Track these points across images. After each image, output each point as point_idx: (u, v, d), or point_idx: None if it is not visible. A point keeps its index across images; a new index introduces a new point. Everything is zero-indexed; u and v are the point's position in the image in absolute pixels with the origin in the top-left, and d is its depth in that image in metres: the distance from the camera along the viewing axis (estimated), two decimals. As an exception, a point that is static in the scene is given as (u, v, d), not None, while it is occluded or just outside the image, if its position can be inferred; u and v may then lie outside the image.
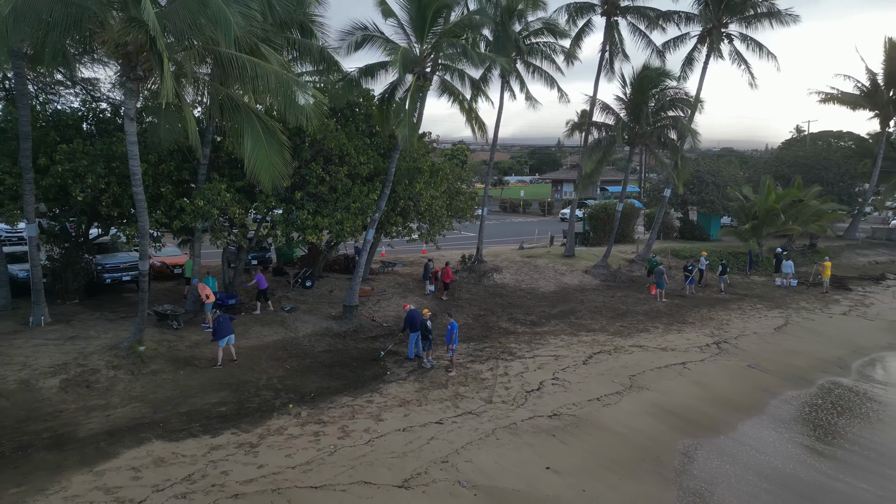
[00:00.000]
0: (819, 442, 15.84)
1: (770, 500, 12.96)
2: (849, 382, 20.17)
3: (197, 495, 11.92)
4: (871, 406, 18.34)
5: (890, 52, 42.48)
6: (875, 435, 16.39)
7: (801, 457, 14.97)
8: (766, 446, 15.47)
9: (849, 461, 14.81)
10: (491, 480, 13.20)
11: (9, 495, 11.57)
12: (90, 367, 17.11)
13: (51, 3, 12.18)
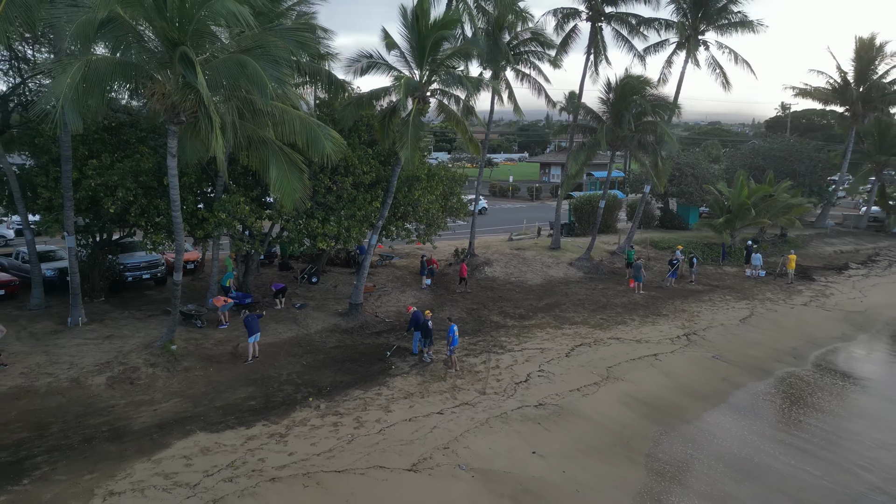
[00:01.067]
0: (768, 427, 18.42)
1: (721, 478, 15.52)
2: (799, 372, 22.80)
3: (241, 479, 14.27)
4: (816, 395, 20.97)
5: (859, 52, 44.74)
6: (817, 421, 19.01)
7: (751, 440, 17.55)
8: (722, 432, 18.03)
9: (793, 444, 17.40)
10: (485, 464, 15.64)
11: (84, 481, 13.85)
12: (131, 365, 19.32)
13: (112, 67, 14.13)
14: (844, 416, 19.49)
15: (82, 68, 13.54)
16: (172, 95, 14.43)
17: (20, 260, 27.98)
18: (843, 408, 20.10)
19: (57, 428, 15.91)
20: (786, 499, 14.86)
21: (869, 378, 22.71)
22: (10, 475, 13.89)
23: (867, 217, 50.84)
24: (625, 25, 34.23)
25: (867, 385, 22.03)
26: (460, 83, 20.08)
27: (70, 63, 13.48)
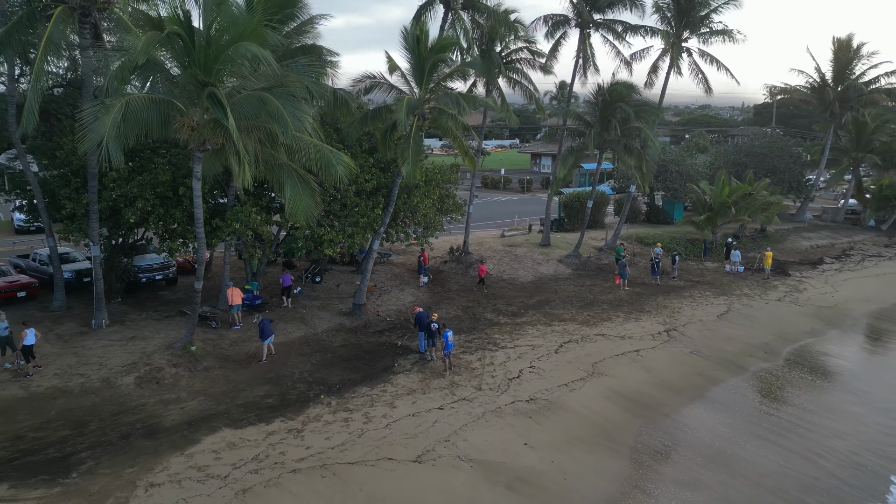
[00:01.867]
0: (738, 419, 20.37)
1: (693, 466, 17.46)
2: (769, 367, 24.80)
3: (265, 471, 16.03)
4: (783, 389, 22.97)
5: (837, 53, 46.48)
6: (782, 413, 21.01)
7: (721, 431, 19.49)
8: (696, 423, 19.99)
9: (759, 435, 19.37)
10: (482, 455, 17.47)
11: (126, 474, 15.56)
12: (155, 365, 20.97)
13: (147, 105, 15.60)
14: (806, 408, 21.48)
15: (122, 108, 15.04)
16: (201, 129, 15.99)
17: (37, 262, 29.43)
18: (805, 401, 22.09)
19: (95, 425, 17.59)
20: (749, 483, 16.82)
21: (832, 373, 24.75)
22: (59, 469, 15.59)
23: (844, 210, 52.90)
24: (611, 32, 35.75)
25: (829, 379, 24.07)
26: (457, 104, 21.70)
27: (112, 104, 14.97)
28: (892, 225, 50.68)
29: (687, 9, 34.20)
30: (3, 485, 14.88)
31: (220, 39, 15.42)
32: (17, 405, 18.44)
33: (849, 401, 22.28)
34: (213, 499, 14.81)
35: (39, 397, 18.90)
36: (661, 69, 36.89)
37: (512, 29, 29.55)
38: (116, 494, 14.76)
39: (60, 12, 16.91)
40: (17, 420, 17.72)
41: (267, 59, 14.97)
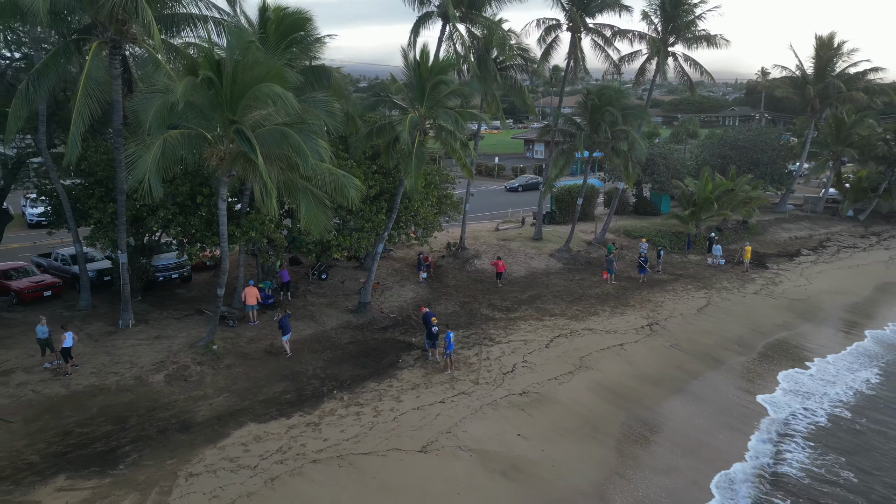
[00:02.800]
0: (707, 409, 22.64)
1: (667, 454, 19.71)
2: (740, 359, 27.05)
3: (289, 461, 18.15)
4: (753, 381, 25.24)
5: (818, 50, 48.26)
6: (744, 402, 23.28)
7: (692, 421, 21.75)
8: (672, 414, 22.23)
9: (724, 423, 21.63)
10: (480, 445, 19.64)
11: (167, 465, 17.64)
12: (181, 363, 22.99)
13: (182, 141, 17.34)
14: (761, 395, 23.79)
15: (160, 145, 16.80)
16: (229, 158, 17.81)
17: (59, 261, 31.23)
18: (761, 389, 24.39)
19: (134, 421, 19.64)
20: (710, 466, 19.14)
21: (792, 364, 27.06)
22: (108, 461, 17.65)
23: (824, 200, 55.07)
24: (601, 37, 37.42)
25: (787, 370, 26.39)
26: (455, 123, 23.51)
27: (152, 142, 16.73)
28: (869, 215, 52.94)
29: (673, 16, 35.89)
30: (60, 476, 16.93)
31: (246, 80, 17.16)
32: (60, 402, 20.43)
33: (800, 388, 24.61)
34: (246, 487, 16.92)
35: (80, 395, 20.89)
36: (649, 71, 38.62)
37: (508, 47, 31.09)
38: (161, 483, 16.85)
39: (96, 48, 18.56)
40: (63, 416, 19.72)
41: (289, 99, 16.73)
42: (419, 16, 30.87)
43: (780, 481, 18.92)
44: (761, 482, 18.78)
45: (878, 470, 19.62)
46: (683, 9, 35.47)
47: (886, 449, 20.84)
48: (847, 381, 25.65)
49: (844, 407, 23.61)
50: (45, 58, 19.30)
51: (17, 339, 24.32)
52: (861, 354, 28.60)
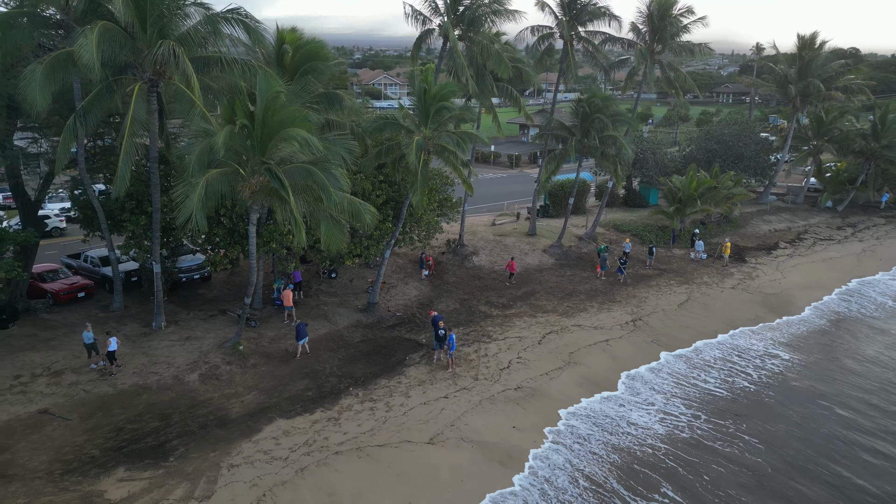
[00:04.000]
0: (677, 402, 25.54)
1: (634, 440, 22.63)
2: (717, 353, 29.94)
3: (314, 453, 20.97)
4: (713, 371, 28.16)
5: (800, 51, 50.44)
6: (696, 392, 26.19)
7: (662, 410, 24.66)
8: (648, 404, 25.11)
9: (697, 415, 24.56)
10: (480, 436, 22.50)
11: (210, 458, 20.43)
12: (212, 363, 25.70)
13: (221, 178, 19.76)
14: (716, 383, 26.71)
15: (204, 185, 19.22)
16: (260, 191, 20.37)
17: (88, 263, 33.69)
18: (719, 379, 27.31)
19: (177, 417, 22.40)
20: (669, 447, 22.06)
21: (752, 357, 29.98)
22: (159, 455, 20.43)
23: (805, 191, 57.73)
24: (591, 45, 39.58)
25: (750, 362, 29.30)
26: (458, 145, 25.99)
27: (197, 183, 19.19)
28: (847, 206, 55.67)
29: (659, 28, 38.05)
30: (119, 468, 19.71)
31: (274, 124, 19.54)
32: (109, 401, 23.16)
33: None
34: (280, 476, 19.75)
35: (126, 393, 23.61)
36: (637, 76, 40.87)
37: (503, 63, 33.22)
38: (207, 474, 19.66)
39: (139, 90, 20.87)
40: (114, 414, 22.46)
41: (313, 142, 19.10)
42: (420, 33, 33.06)
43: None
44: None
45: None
46: (669, 21, 37.61)
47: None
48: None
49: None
50: (89, 96, 21.59)
51: (62, 341, 26.91)
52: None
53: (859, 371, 28.81)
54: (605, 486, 20.36)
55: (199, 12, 20.81)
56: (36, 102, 19.25)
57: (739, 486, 20.62)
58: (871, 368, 29.10)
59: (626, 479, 20.77)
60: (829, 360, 29.79)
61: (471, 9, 31.04)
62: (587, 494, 19.96)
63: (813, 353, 30.58)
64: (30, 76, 19.26)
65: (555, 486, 20.23)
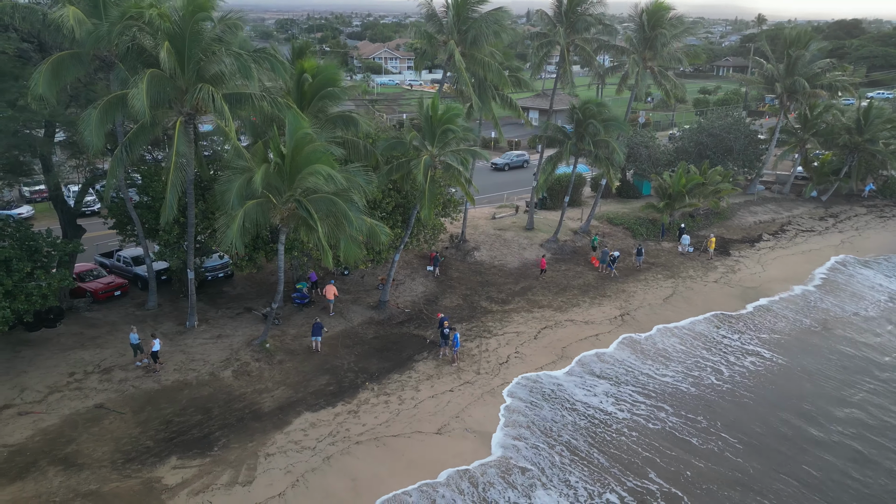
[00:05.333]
0: (650, 394, 28.75)
1: (614, 429, 25.87)
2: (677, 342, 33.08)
3: (338, 443, 24.20)
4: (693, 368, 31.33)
5: (787, 49, 52.65)
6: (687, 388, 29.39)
7: (636, 404, 27.87)
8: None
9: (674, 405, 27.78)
10: (481, 427, 25.72)
11: (249, 447, 23.66)
12: (243, 360, 28.84)
13: (256, 208, 22.65)
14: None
15: (242, 215, 22.05)
16: (289, 217, 23.29)
17: (121, 262, 36.64)
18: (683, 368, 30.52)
19: (217, 411, 25.60)
20: (643, 433, 25.33)
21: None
22: (204, 445, 23.65)
23: (792, 179, 60.37)
24: (586, 52, 41.94)
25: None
26: (462, 164, 28.79)
27: (236, 214, 22.06)
28: (831, 196, 58.40)
29: (651, 38, 40.36)
30: (172, 457, 22.95)
31: (301, 160, 22.32)
32: (156, 396, 26.34)
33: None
34: (309, 464, 23.01)
35: (170, 389, 26.79)
36: (629, 82, 43.25)
37: (503, 79, 35.72)
38: (247, 462, 22.92)
39: (181, 125, 23.57)
40: (161, 408, 25.65)
41: (336, 178, 21.84)
42: (423, 49, 35.52)
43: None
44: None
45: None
46: (660, 31, 39.88)
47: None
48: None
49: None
50: (134, 130, 24.30)
51: (106, 339, 30.01)
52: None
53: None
54: (556, 447, 23.67)
55: (231, 53, 23.34)
56: (93, 143, 22.00)
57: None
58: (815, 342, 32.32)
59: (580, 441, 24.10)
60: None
61: (473, 28, 33.39)
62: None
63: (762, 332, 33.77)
64: (86, 120, 21.99)
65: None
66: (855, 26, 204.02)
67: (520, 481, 22.80)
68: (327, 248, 23.12)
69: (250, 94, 23.99)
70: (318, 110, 28.44)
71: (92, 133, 21.95)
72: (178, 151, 23.12)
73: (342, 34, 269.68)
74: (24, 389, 25.95)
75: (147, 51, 23.77)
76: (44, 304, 26.75)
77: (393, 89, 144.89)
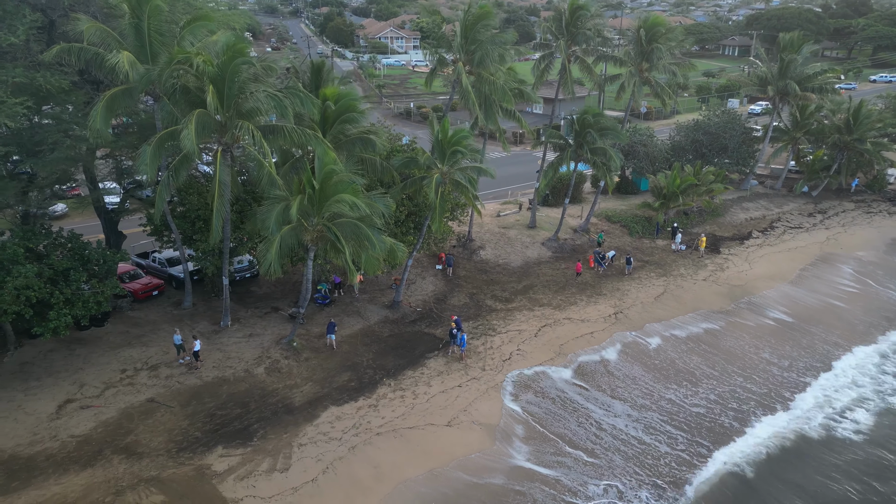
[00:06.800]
0: (636, 391, 32.11)
1: (603, 424, 29.29)
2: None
3: (361, 434, 27.67)
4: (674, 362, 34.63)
5: (780, 53, 55.02)
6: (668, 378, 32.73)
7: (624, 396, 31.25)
8: (620, 391, 31.71)
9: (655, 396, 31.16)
10: (487, 419, 29.16)
11: (284, 438, 27.14)
12: (273, 358, 32.25)
13: (291, 233, 25.81)
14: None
15: (279, 240, 25.25)
16: (319, 238, 26.51)
17: (156, 263, 39.96)
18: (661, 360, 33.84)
19: (254, 405, 29.07)
20: (629, 416, 28.73)
21: (722, 348, 36.43)
22: (245, 436, 27.14)
23: (784, 176, 63.02)
24: (585, 63, 44.57)
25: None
26: (469, 182, 31.85)
27: (273, 239, 25.26)
28: (821, 191, 61.14)
29: (647, 51, 42.96)
30: (218, 447, 26.45)
31: (329, 190, 25.44)
32: (199, 391, 29.81)
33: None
34: (337, 453, 26.51)
35: (211, 384, 30.25)
36: (625, 90, 45.93)
37: (507, 97, 38.50)
38: (283, 451, 26.42)
39: (221, 157, 26.65)
40: (205, 402, 29.13)
41: (359, 205, 24.97)
42: (432, 68, 38.30)
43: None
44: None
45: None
46: (656, 46, 42.46)
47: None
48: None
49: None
50: (178, 158, 27.40)
51: (150, 338, 33.43)
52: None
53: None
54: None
55: (269, 94, 26.30)
56: (148, 175, 25.16)
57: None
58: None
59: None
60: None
61: (480, 50, 36.12)
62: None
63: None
64: (142, 156, 25.12)
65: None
66: (863, 3, 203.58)
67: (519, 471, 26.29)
68: (353, 269, 26.37)
69: (283, 126, 26.98)
70: (339, 132, 31.34)
71: (147, 167, 25.09)
72: (220, 181, 26.25)
73: (347, 8, 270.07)
74: (83, 385, 29.43)
75: (191, 90, 26.74)
76: (98, 310, 30.08)
77: (399, 70, 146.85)
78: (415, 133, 76.79)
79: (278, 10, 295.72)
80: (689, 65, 45.59)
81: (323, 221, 26.42)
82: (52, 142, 28.22)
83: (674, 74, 44.35)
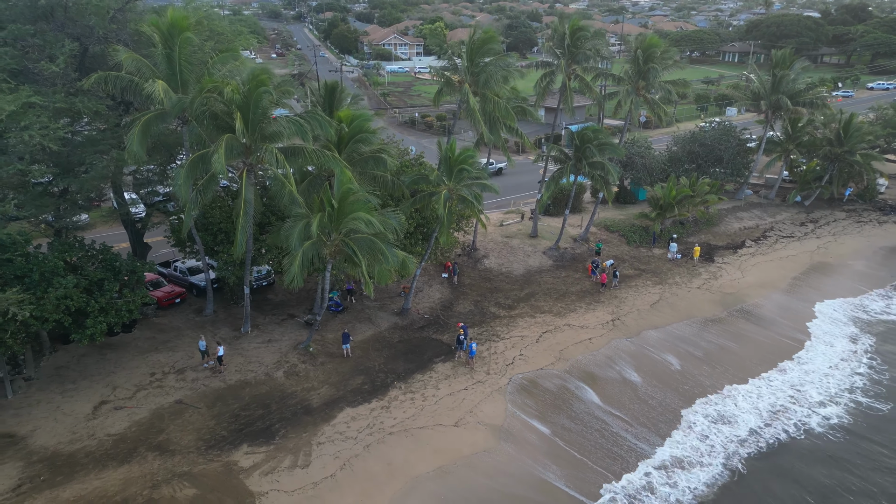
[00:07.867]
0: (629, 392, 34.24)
1: (602, 422, 31.44)
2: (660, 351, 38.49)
3: (374, 434, 29.84)
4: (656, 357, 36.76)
5: (773, 69, 57.20)
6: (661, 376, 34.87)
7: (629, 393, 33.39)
8: (617, 394, 33.83)
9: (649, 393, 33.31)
10: (491, 420, 31.31)
11: (303, 437, 29.32)
12: (291, 362, 34.45)
13: (311, 247, 28.07)
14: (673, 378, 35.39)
15: (301, 255, 27.50)
16: (337, 251, 28.81)
17: (178, 272, 42.20)
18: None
19: (275, 406, 31.26)
20: (618, 414, 30.87)
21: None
22: (267, 435, 29.33)
23: (778, 185, 65.12)
24: (584, 81, 46.80)
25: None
26: (475, 198, 34.12)
27: (296, 254, 27.49)
28: (814, 201, 63.26)
29: (644, 70, 45.20)
30: (243, 445, 28.65)
31: (346, 208, 27.70)
32: (223, 393, 32.01)
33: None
34: (353, 451, 28.68)
35: (234, 387, 32.45)
36: (623, 106, 48.14)
37: (511, 116, 40.78)
38: (303, 449, 28.61)
39: (246, 177, 28.92)
40: (229, 403, 31.33)
41: (374, 223, 27.21)
42: (440, 87, 40.58)
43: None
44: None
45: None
46: (652, 66, 44.70)
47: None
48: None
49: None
50: (206, 178, 29.68)
51: (175, 343, 35.66)
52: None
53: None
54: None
55: (291, 119, 28.58)
56: (181, 196, 27.47)
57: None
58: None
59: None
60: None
61: (484, 72, 38.38)
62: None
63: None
64: (176, 177, 27.38)
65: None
66: (862, 9, 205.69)
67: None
68: (368, 281, 28.59)
69: (303, 147, 29.23)
70: (353, 151, 33.56)
71: (181, 188, 27.38)
72: (245, 199, 28.52)
73: (350, 13, 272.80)
74: (116, 388, 31.66)
75: (219, 115, 29.00)
76: (129, 318, 32.30)
77: (403, 77, 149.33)
78: (420, 143, 79.08)
79: (282, 15, 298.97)
80: (683, 83, 47.84)
81: (341, 237, 28.69)
82: (89, 162, 30.47)
83: (669, 92, 46.56)
